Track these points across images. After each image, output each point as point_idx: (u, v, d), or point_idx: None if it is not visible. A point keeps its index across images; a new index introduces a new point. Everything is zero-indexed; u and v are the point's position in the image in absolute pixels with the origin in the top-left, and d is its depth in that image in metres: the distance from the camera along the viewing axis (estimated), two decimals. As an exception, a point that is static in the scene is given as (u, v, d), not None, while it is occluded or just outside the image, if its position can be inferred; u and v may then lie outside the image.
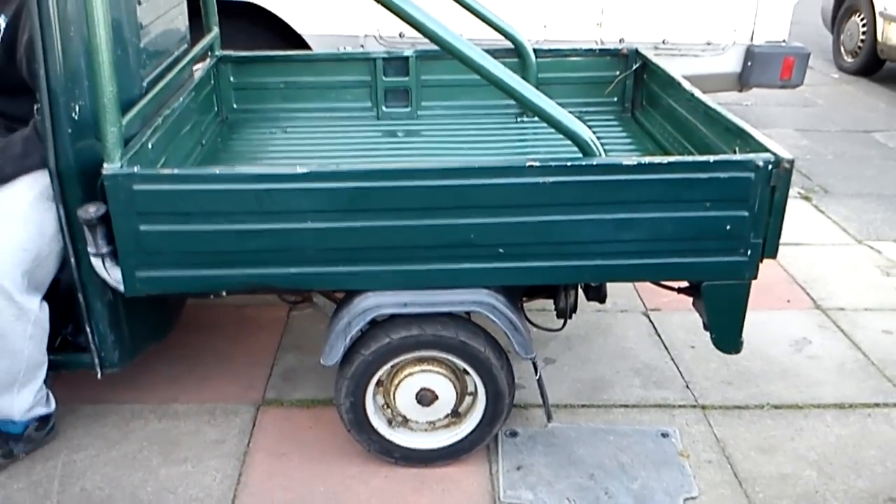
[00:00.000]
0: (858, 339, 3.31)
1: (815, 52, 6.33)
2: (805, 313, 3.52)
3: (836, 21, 8.34)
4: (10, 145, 2.30)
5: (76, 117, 2.15)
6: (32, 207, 2.28)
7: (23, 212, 2.27)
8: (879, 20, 7.45)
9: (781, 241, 2.24)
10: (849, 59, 8.17)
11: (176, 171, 2.11)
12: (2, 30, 2.27)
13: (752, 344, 3.15)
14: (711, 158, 2.12)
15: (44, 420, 2.58)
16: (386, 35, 4.53)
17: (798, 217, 4.53)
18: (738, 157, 2.16)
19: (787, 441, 2.70)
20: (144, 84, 2.49)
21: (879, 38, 7.50)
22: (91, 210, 2.10)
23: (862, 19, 7.80)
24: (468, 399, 2.51)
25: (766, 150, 2.16)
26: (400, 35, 4.48)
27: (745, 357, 3.08)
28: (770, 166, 2.08)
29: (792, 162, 2.10)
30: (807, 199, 4.83)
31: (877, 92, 7.53)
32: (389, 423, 2.52)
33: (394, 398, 2.46)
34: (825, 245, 4.22)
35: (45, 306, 2.38)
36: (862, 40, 7.88)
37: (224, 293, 2.30)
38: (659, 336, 3.30)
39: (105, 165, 2.04)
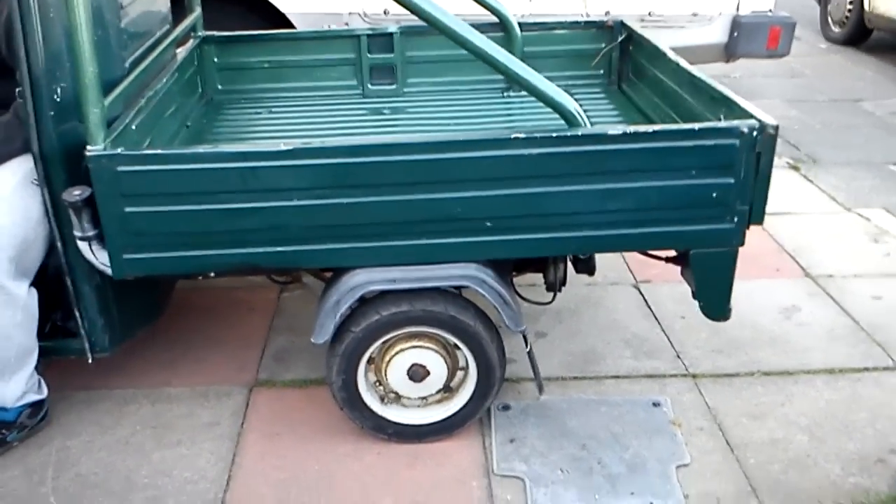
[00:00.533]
0: (847, 306, 3.32)
1: (802, 23, 6.33)
2: (794, 281, 3.53)
3: (823, -9, 8.33)
4: None
5: (58, 99, 2.13)
6: (17, 192, 2.27)
7: (7, 197, 2.26)
8: (866, -11, 7.44)
9: (770, 210, 2.24)
10: (836, 29, 8.16)
11: (160, 151, 2.10)
12: None
13: (742, 312, 3.17)
14: (696, 126, 2.12)
15: (36, 407, 2.58)
16: (370, 12, 4.50)
17: (787, 186, 4.54)
18: (722, 124, 2.15)
19: (778, 407, 2.71)
20: (126, 65, 2.47)
21: (867, 7, 7.49)
22: (76, 193, 2.09)
23: (849, -12, 7.79)
24: (460, 374, 2.52)
25: (751, 116, 2.15)
26: (384, 12, 4.45)
27: (735, 325, 3.09)
28: (755, 133, 2.08)
29: (776, 128, 2.10)
30: (795, 168, 4.84)
31: (864, 61, 7.53)
32: (382, 399, 2.53)
33: (385, 375, 2.46)
34: (814, 213, 4.24)
35: (34, 292, 2.38)
36: (849, 10, 7.86)
37: (212, 274, 2.29)
38: (649, 307, 3.31)
39: (88, 147, 2.03)
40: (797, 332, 3.14)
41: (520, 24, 3.30)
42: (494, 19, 3.27)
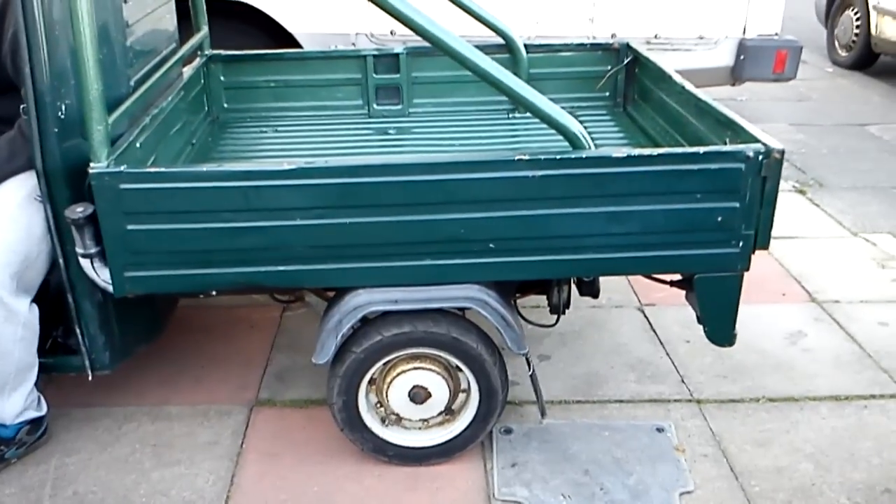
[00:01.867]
0: (854, 332, 3.30)
1: (809, 47, 6.34)
2: (800, 306, 3.51)
3: (830, 15, 8.34)
4: None
5: (63, 116, 2.13)
6: (20, 208, 2.27)
7: (10, 213, 2.26)
8: (873, 14, 7.45)
9: (776, 234, 2.23)
10: (843, 54, 8.17)
11: (163, 169, 2.10)
12: None
13: (748, 337, 3.14)
14: (701, 149, 2.11)
15: (35, 423, 2.56)
16: (377, 33, 4.52)
17: (793, 210, 4.53)
18: (728, 147, 2.15)
19: (783, 434, 2.68)
20: (132, 83, 2.47)
21: (873, 31, 7.50)
22: (78, 210, 2.09)
23: (856, 13, 7.79)
24: (461, 396, 2.50)
25: (757, 140, 2.14)
26: (391, 33, 4.47)
27: (740, 350, 3.07)
28: (760, 157, 2.07)
29: (782, 152, 2.09)
30: (802, 192, 4.83)
31: (871, 85, 7.53)
32: (383, 421, 2.51)
33: (387, 396, 2.44)
34: (820, 238, 4.21)
35: (35, 308, 2.37)
36: (856, 34, 7.87)
37: (214, 293, 2.28)
38: (654, 331, 3.29)
39: (92, 164, 2.03)
40: (803, 357, 3.11)
41: (526, 45, 3.31)
42: (500, 41, 3.27)
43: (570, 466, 2.53)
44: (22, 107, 2.15)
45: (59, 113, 2.13)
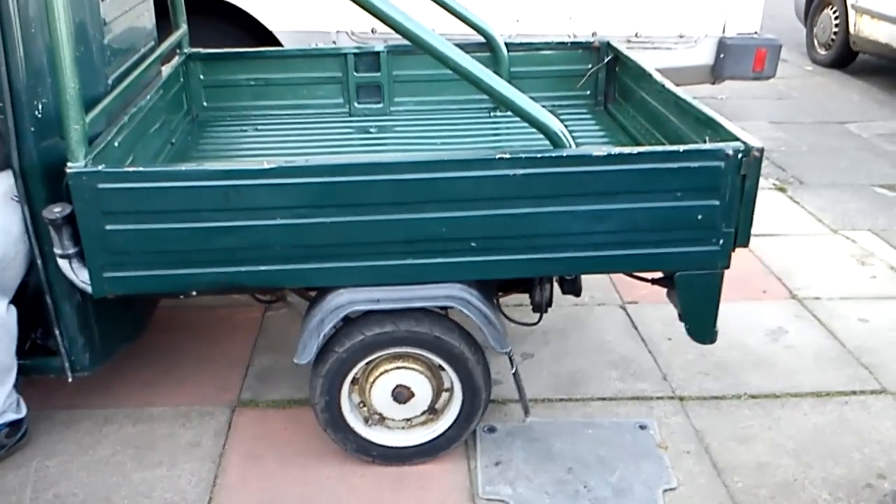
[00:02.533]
0: (835, 328, 3.32)
1: (788, 46, 6.38)
2: (781, 303, 3.53)
3: (809, 14, 8.39)
4: None
5: (39, 115, 2.12)
6: (-3, 209, 2.24)
7: (-13, 214, 2.23)
8: (852, 12, 7.50)
9: (757, 231, 2.24)
10: (822, 52, 8.23)
11: (141, 168, 2.08)
12: None
13: (729, 334, 3.16)
14: (681, 148, 2.12)
15: (15, 426, 2.54)
16: (358, 31, 4.51)
17: (773, 208, 4.55)
18: (707, 146, 2.15)
19: (765, 430, 2.70)
20: (109, 81, 2.45)
21: (852, 30, 7.55)
22: (56, 210, 2.06)
23: (835, 12, 7.85)
24: (445, 395, 2.49)
25: (736, 139, 2.15)
26: (372, 31, 4.46)
27: (722, 348, 3.09)
28: (740, 155, 2.08)
29: (762, 150, 2.10)
30: (782, 190, 4.85)
31: (850, 84, 7.58)
32: (366, 421, 2.50)
33: (369, 396, 2.44)
34: (800, 235, 4.24)
35: (13, 309, 2.35)
36: (835, 33, 7.93)
37: (194, 293, 2.27)
38: (636, 329, 3.30)
39: (69, 164, 2.01)
40: (784, 354, 3.13)
41: (507, 44, 3.31)
42: (481, 39, 3.27)
43: (554, 464, 2.53)
44: (-2, 106, 2.12)
45: (36, 112, 2.11)
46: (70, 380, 2.45)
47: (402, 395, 2.42)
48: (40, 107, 2.11)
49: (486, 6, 3.79)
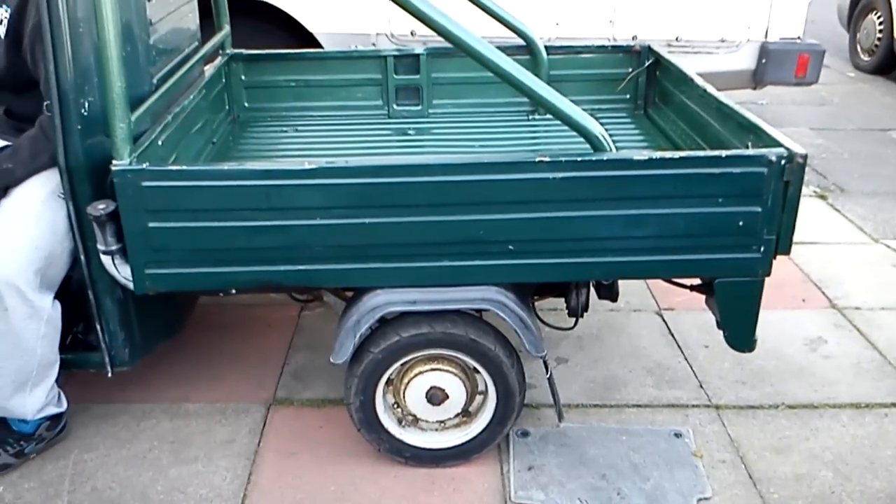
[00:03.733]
0: (874, 339, 3.26)
1: (831, 51, 6.29)
2: (820, 312, 3.48)
3: (853, 19, 8.27)
4: (18, 149, 2.31)
5: (86, 114, 2.15)
6: (44, 205, 2.28)
7: (35, 210, 2.28)
8: (896, 18, 7.38)
9: (797, 240, 2.21)
10: (865, 58, 8.10)
11: (184, 167, 2.11)
12: (6, 22, 2.27)
13: (767, 343, 3.12)
14: (723, 153, 2.09)
15: (55, 419, 2.58)
16: (398, 33, 4.52)
17: (813, 216, 4.49)
18: (750, 151, 2.13)
19: (803, 441, 2.66)
20: (154, 81, 2.48)
21: (896, 36, 7.44)
22: (100, 207, 2.10)
23: (879, 17, 7.72)
24: (479, 398, 2.49)
25: (780, 144, 2.13)
26: (412, 33, 4.47)
27: (760, 356, 3.05)
28: (783, 161, 2.06)
29: (805, 157, 2.07)
30: (822, 197, 4.79)
31: (893, 90, 7.46)
32: (399, 422, 2.51)
33: (404, 397, 2.44)
34: (841, 244, 4.18)
35: (58, 305, 2.38)
36: (878, 38, 7.80)
37: (234, 291, 2.29)
38: (672, 335, 3.27)
39: (114, 162, 2.04)
40: (823, 364, 3.09)
41: (546, 47, 3.30)
42: (521, 42, 3.27)
43: (587, 470, 2.52)
44: (45, 104, 2.16)
45: (83, 110, 2.14)
46: (110, 375, 2.48)
47: (436, 396, 2.42)
48: (87, 105, 2.15)
49: (526, 9, 3.78)
